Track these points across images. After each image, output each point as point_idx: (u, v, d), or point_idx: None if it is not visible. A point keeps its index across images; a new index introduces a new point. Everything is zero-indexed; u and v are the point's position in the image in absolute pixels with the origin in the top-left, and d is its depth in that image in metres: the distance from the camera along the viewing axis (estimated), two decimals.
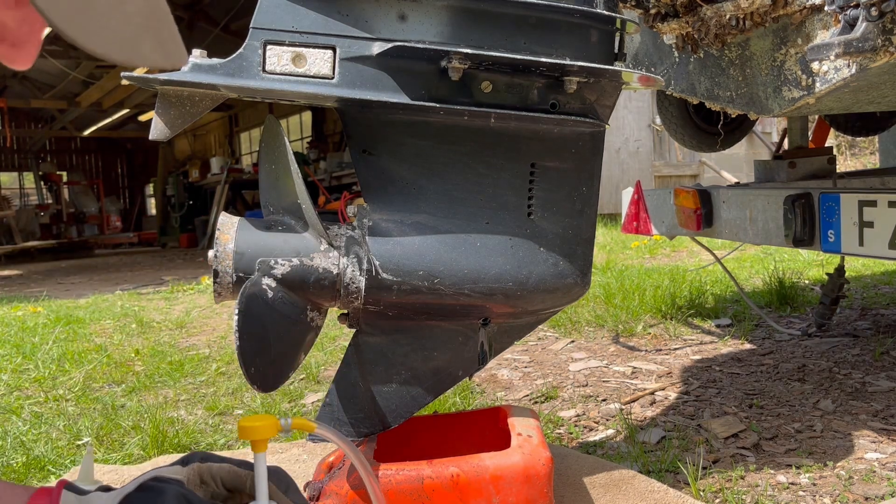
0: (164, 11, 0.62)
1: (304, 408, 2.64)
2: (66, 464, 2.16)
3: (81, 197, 18.16)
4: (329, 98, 1.32)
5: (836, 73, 1.73)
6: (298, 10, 1.28)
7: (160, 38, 0.61)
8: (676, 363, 3.01)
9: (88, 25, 0.54)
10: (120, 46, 0.57)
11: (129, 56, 0.58)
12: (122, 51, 0.58)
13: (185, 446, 2.25)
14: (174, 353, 3.66)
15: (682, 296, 4.12)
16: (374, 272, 1.37)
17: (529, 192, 1.45)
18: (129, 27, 0.58)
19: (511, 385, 2.83)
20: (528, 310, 1.53)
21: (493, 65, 1.34)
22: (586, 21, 1.40)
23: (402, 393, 1.52)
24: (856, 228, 2.07)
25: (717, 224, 2.76)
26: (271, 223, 1.39)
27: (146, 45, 0.60)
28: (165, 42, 0.61)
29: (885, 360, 2.85)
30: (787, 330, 3.41)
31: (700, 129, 3.37)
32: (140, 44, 0.59)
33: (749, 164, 10.06)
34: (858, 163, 13.90)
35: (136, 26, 0.58)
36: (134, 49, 0.59)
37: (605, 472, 1.75)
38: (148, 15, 0.60)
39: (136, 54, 0.59)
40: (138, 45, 0.59)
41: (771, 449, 2.06)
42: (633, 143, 10.94)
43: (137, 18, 0.59)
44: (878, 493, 1.76)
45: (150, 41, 0.60)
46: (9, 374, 3.32)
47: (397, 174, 1.41)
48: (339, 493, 1.35)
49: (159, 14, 0.61)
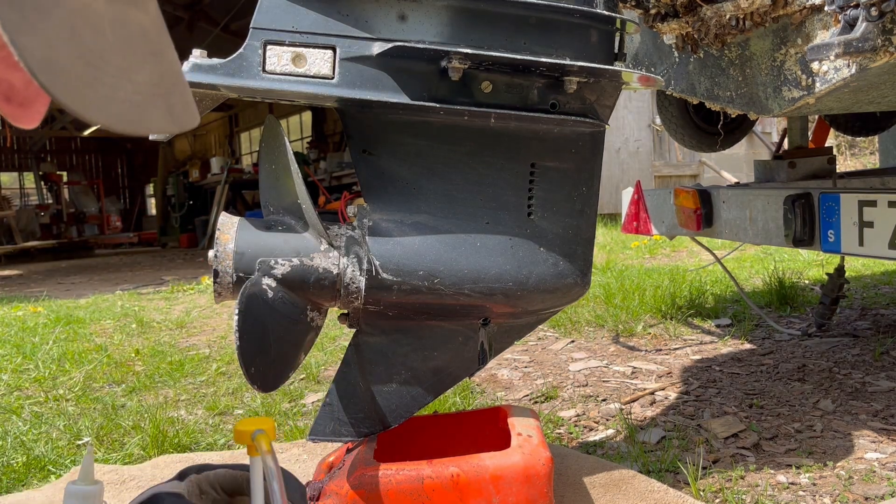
0: (175, 74, 0.59)
1: (304, 408, 2.64)
2: (67, 464, 2.16)
3: (81, 197, 18.15)
4: (329, 98, 1.32)
5: (836, 73, 1.73)
6: (298, 10, 1.28)
7: (170, 104, 0.58)
8: (676, 363, 3.01)
9: (95, 99, 0.52)
10: (128, 118, 0.54)
11: (136, 127, 0.55)
12: (130, 123, 0.54)
13: (185, 446, 2.25)
14: (174, 353, 3.66)
15: (682, 296, 4.12)
16: (374, 272, 1.37)
17: (529, 192, 1.45)
18: (137, 97, 0.55)
19: (511, 385, 2.83)
20: (528, 310, 1.53)
21: (493, 65, 1.34)
22: (586, 21, 1.40)
23: (402, 393, 1.52)
24: (856, 228, 2.07)
25: (717, 224, 2.76)
26: (271, 223, 1.39)
27: (155, 114, 0.57)
28: (175, 107, 0.59)
29: (885, 360, 2.85)
30: (787, 330, 3.41)
31: (700, 129, 3.37)
32: (149, 113, 0.56)
33: (749, 164, 10.06)
34: (858, 163, 13.90)
35: (146, 95, 0.56)
36: (142, 120, 0.55)
37: (605, 472, 1.75)
38: (158, 81, 0.57)
39: (143, 125, 0.56)
40: (147, 114, 0.56)
41: (771, 449, 2.06)
42: (633, 143, 10.93)
43: (146, 87, 0.56)
44: (878, 493, 1.76)
45: (160, 109, 0.57)
46: (9, 374, 3.32)
47: (397, 174, 1.41)
48: (339, 493, 1.35)
49: (171, 78, 0.59)
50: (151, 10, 0.58)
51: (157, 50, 0.57)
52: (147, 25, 0.56)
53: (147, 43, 0.56)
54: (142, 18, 0.56)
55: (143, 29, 0.56)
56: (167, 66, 0.58)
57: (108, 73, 0.53)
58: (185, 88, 0.60)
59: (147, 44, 0.56)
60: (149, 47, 0.57)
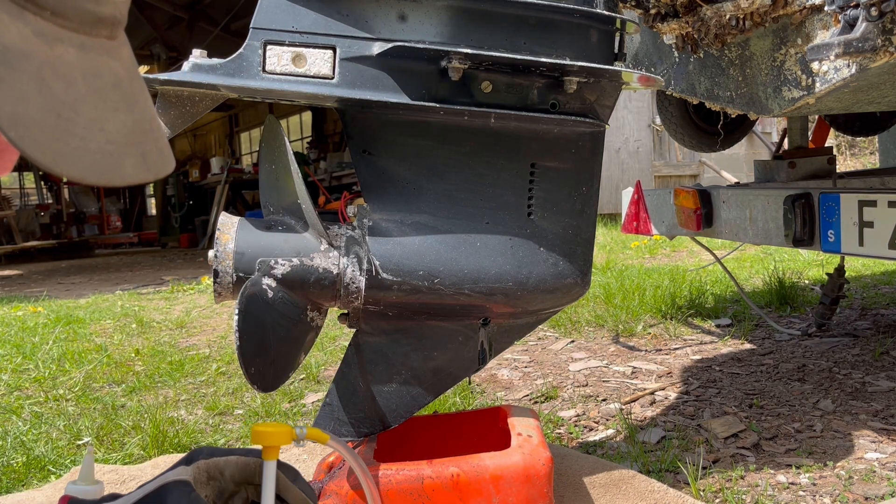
0: (148, 121, 0.57)
1: (304, 408, 2.64)
2: (67, 464, 2.16)
3: (81, 197, 18.15)
4: (329, 98, 1.32)
5: (836, 73, 1.73)
6: (298, 10, 1.28)
7: (143, 151, 0.56)
8: (676, 363, 3.01)
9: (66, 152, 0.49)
10: (99, 169, 0.52)
11: (110, 178, 0.53)
12: (102, 174, 0.52)
13: (185, 446, 2.25)
14: (174, 353, 3.66)
15: (682, 296, 4.12)
16: (374, 272, 1.37)
17: (529, 192, 1.45)
18: (110, 146, 0.53)
19: (511, 385, 2.83)
20: (528, 310, 1.53)
21: (493, 65, 1.34)
22: (586, 21, 1.40)
23: (402, 393, 1.52)
24: (856, 228, 2.07)
25: (717, 224, 2.76)
26: (271, 223, 1.39)
27: (128, 163, 0.54)
28: (149, 154, 0.56)
29: (885, 360, 2.85)
30: (787, 330, 3.41)
31: (700, 129, 3.37)
32: (122, 163, 0.54)
33: (749, 164, 10.07)
34: (858, 163, 13.90)
35: (118, 144, 0.54)
36: (115, 170, 0.53)
37: (605, 472, 1.75)
38: (131, 130, 0.55)
39: (116, 175, 0.53)
40: (120, 164, 0.54)
41: (771, 449, 2.06)
42: (633, 143, 10.93)
43: (119, 136, 0.54)
44: (878, 493, 1.76)
45: (133, 157, 0.55)
46: (9, 374, 3.32)
47: (397, 174, 1.41)
48: (339, 493, 1.35)
49: (144, 126, 0.56)
50: (125, 56, 0.56)
51: (131, 98, 0.56)
52: (121, 73, 0.55)
53: (120, 91, 0.55)
54: (115, 66, 0.54)
55: (117, 77, 0.54)
56: (140, 113, 0.56)
57: (79, 124, 0.51)
58: (160, 134, 0.59)
59: (120, 92, 0.55)
60: (121, 95, 0.55)
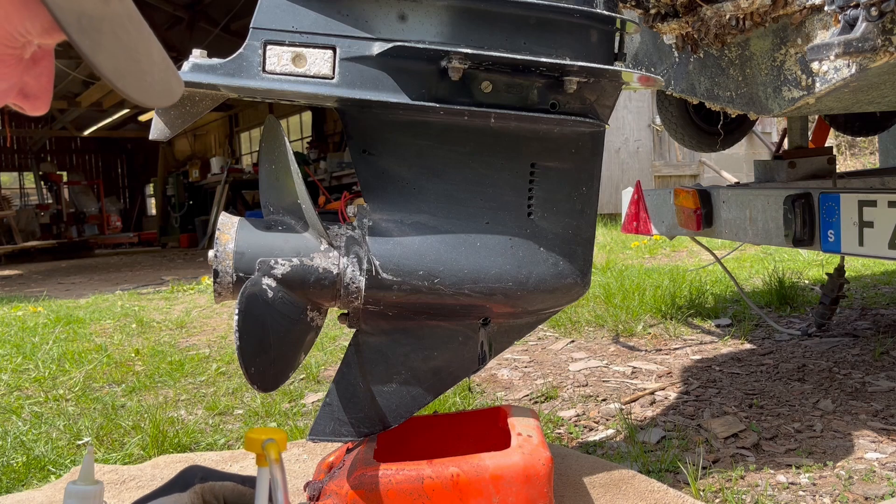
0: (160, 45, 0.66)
1: (304, 408, 2.64)
2: (67, 464, 2.16)
3: (81, 197, 18.15)
4: (329, 98, 1.32)
5: (836, 73, 1.73)
6: (298, 10, 1.28)
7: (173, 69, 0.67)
8: (676, 363, 3.01)
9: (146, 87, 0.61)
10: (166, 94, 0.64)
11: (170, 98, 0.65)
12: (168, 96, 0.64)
13: (185, 446, 2.25)
14: (174, 353, 3.66)
15: (682, 296, 4.12)
16: (374, 272, 1.37)
17: (529, 192, 1.45)
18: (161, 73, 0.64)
19: (511, 385, 2.83)
20: (528, 310, 1.53)
21: (493, 65, 1.34)
22: (586, 21, 1.40)
23: (402, 393, 1.52)
24: (856, 228, 2.07)
25: (717, 224, 2.76)
26: (271, 223, 1.39)
27: (174, 83, 0.66)
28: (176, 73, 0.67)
29: (885, 360, 2.85)
30: (787, 330, 3.41)
31: (700, 129, 3.37)
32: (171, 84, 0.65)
33: (749, 164, 10.06)
34: (858, 163, 13.89)
35: (163, 69, 0.64)
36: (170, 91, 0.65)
37: (605, 472, 1.75)
38: (163, 54, 0.65)
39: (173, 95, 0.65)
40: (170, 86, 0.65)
41: (771, 449, 2.06)
42: (633, 143, 10.94)
43: (162, 62, 0.64)
44: (878, 493, 1.76)
45: (174, 77, 0.66)
46: (9, 374, 3.32)
47: (397, 174, 1.41)
48: (339, 493, 1.35)
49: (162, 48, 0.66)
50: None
51: (149, 29, 0.65)
52: (132, 8, 0.64)
53: (144, 24, 0.64)
54: (132, 7, 0.63)
55: (135, 12, 0.63)
56: (157, 41, 0.66)
57: (143, 61, 0.62)
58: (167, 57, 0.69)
59: (144, 25, 0.64)
60: (146, 27, 0.64)
